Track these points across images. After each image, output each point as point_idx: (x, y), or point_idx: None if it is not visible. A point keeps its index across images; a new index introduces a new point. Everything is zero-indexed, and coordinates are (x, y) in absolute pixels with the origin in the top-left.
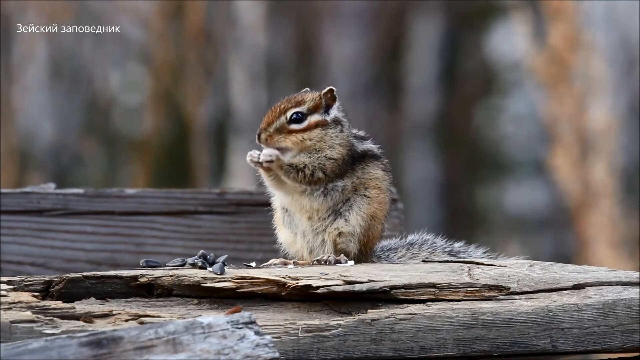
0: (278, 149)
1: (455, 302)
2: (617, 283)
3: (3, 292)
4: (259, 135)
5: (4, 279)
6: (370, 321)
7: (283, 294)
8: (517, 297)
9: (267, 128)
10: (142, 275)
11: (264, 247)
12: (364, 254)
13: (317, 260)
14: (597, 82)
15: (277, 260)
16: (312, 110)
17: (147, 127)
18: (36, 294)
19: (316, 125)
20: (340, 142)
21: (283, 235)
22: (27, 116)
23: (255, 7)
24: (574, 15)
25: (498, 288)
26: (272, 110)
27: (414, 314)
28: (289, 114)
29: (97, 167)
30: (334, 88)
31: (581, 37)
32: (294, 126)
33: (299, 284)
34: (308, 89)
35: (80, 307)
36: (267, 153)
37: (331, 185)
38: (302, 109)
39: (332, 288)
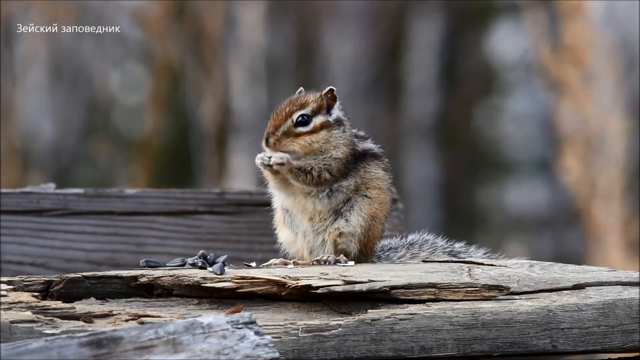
0: (285, 152)
1: (455, 302)
2: (617, 283)
3: (3, 292)
4: (267, 140)
5: (4, 279)
6: (370, 321)
7: (283, 294)
8: (517, 297)
9: (275, 132)
10: (142, 275)
11: (264, 247)
12: (364, 254)
13: (317, 260)
14: (606, 82)
15: (277, 260)
16: (316, 112)
17: (147, 127)
18: (36, 294)
19: (321, 126)
20: (344, 142)
21: (283, 235)
22: (28, 116)
23: (255, 7)
24: (585, 15)
25: (498, 288)
26: (277, 113)
27: (414, 314)
28: (295, 117)
29: (97, 167)
30: (334, 88)
31: (591, 37)
32: (300, 129)
33: (299, 284)
34: (302, 88)
35: (80, 307)
36: (278, 156)
37: (336, 185)
38: (307, 111)
39: (332, 288)
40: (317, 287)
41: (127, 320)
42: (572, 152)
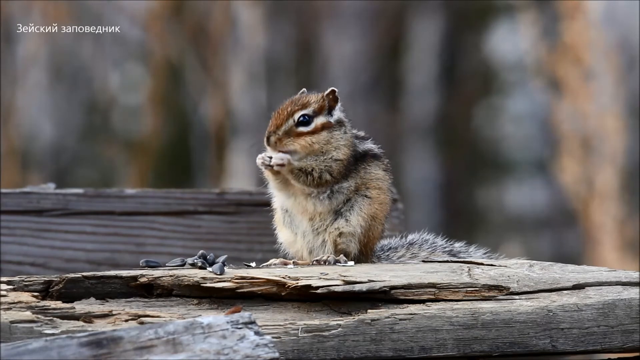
0: (286, 152)
1: (455, 302)
2: (617, 283)
3: (3, 292)
4: (268, 139)
5: (4, 279)
6: (370, 321)
7: (283, 294)
8: (517, 297)
9: (277, 131)
10: (142, 275)
11: (264, 247)
12: (364, 254)
13: (317, 260)
14: (604, 82)
15: (277, 260)
16: (318, 112)
17: (146, 128)
18: (36, 294)
19: (322, 127)
20: (344, 143)
21: (283, 235)
22: (28, 116)
23: (254, 7)
24: (584, 15)
25: (498, 288)
26: (278, 112)
27: (414, 314)
28: (296, 116)
29: (97, 167)
30: (335, 89)
31: (590, 36)
32: (301, 129)
33: (299, 284)
34: (305, 89)
35: (80, 307)
36: (278, 157)
37: (337, 187)
38: (309, 111)
39: (332, 288)
40: (317, 287)
41: (127, 320)
42: (570, 152)
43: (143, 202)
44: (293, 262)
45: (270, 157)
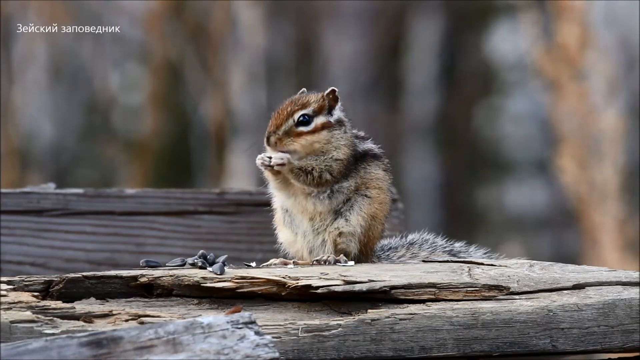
0: (286, 152)
1: (455, 302)
2: (617, 283)
3: (3, 292)
4: (268, 139)
5: (4, 279)
6: (370, 321)
7: (283, 294)
8: (517, 297)
9: (277, 131)
10: (142, 275)
11: (264, 247)
12: (364, 254)
13: (317, 260)
14: (602, 81)
15: (277, 260)
16: (317, 112)
17: (146, 128)
18: (36, 294)
19: (322, 127)
20: (345, 142)
21: (283, 235)
22: (27, 116)
23: (254, 7)
24: (582, 14)
25: (498, 288)
26: (278, 112)
27: (414, 314)
28: (296, 116)
29: (97, 167)
30: (336, 89)
31: (588, 36)
32: (301, 128)
33: (299, 284)
34: (305, 89)
35: (80, 307)
36: (278, 156)
37: (337, 186)
38: (308, 110)
39: (332, 288)
40: (317, 287)
41: (127, 320)
42: (570, 152)
43: (143, 202)
44: (293, 262)
45: (270, 157)
